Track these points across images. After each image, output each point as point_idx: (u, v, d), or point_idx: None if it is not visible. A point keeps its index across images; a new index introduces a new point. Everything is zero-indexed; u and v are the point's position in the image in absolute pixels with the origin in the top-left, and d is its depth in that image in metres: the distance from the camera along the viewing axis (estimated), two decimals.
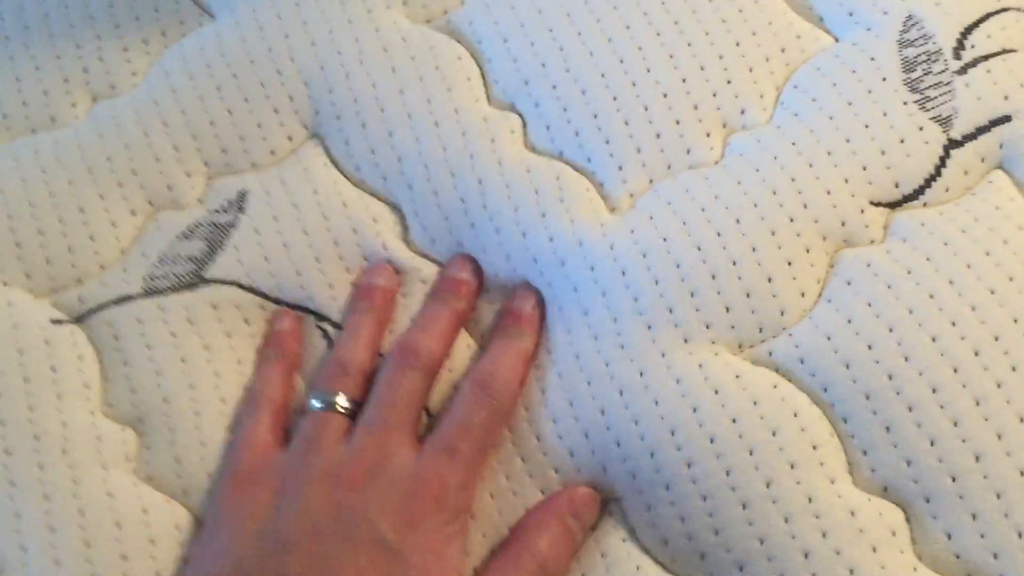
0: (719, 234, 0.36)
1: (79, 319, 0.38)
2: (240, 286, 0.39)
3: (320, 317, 0.38)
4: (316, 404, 0.34)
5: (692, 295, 0.35)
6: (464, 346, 0.37)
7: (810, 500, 0.32)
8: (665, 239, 0.36)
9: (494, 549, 0.33)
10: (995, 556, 0.30)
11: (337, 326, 0.38)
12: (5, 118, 0.42)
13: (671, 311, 0.35)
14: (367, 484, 0.30)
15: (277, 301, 0.39)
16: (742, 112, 0.39)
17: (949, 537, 0.31)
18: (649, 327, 0.35)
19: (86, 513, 0.34)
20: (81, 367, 0.37)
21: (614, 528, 0.33)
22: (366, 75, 0.42)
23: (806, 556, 0.31)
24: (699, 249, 0.36)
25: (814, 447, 0.33)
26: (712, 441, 0.33)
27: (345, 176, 0.41)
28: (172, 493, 0.35)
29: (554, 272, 0.37)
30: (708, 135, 0.39)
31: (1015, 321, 0.32)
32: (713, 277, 0.35)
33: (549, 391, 0.35)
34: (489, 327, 0.37)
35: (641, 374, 0.34)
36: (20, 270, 0.39)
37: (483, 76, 0.42)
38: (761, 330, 0.35)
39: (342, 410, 0.33)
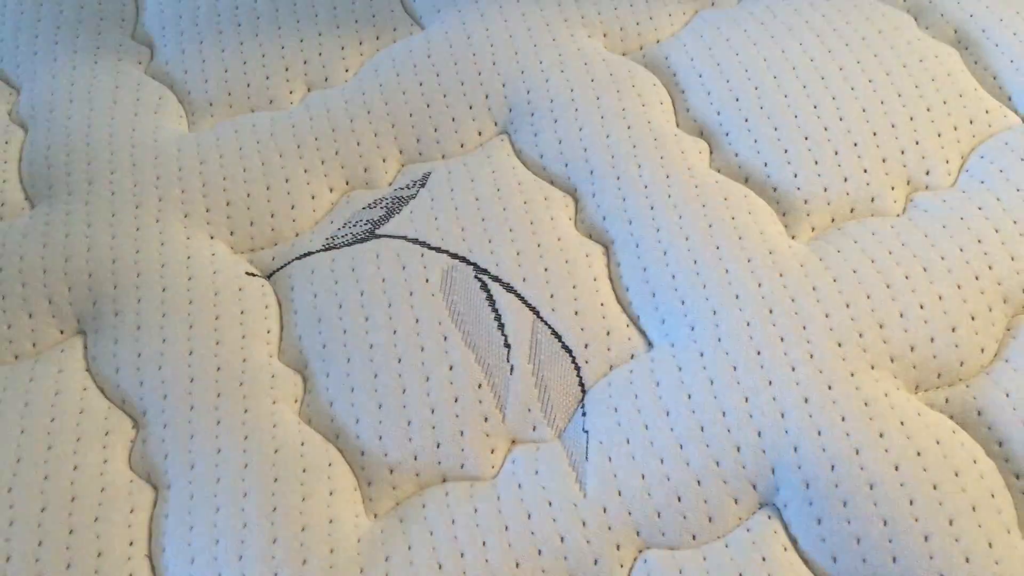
0: (907, 277, 0.37)
1: (269, 275, 0.40)
2: (407, 239, 0.40)
3: (479, 269, 0.38)
4: None
5: (881, 326, 0.35)
6: None
7: (990, 545, 0.31)
8: (855, 271, 0.37)
9: None
10: None
11: (495, 278, 0.38)
12: (230, 95, 0.46)
13: (861, 336, 0.35)
14: None
15: (438, 250, 0.39)
16: (927, 173, 0.41)
17: None
18: (840, 344, 0.35)
19: (249, 439, 0.34)
20: (266, 315, 0.38)
21: (775, 535, 0.32)
22: (565, 81, 0.44)
23: None
24: (888, 287, 0.36)
25: (992, 495, 0.32)
26: (897, 469, 0.32)
27: (525, 165, 0.42)
28: (326, 435, 0.35)
29: (737, 264, 0.37)
30: (893, 188, 0.40)
31: None
32: (901, 315, 0.36)
33: (719, 382, 0.34)
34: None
35: (830, 387, 0.34)
36: (227, 227, 0.41)
37: (674, 103, 0.44)
38: (940, 376, 0.35)
39: None
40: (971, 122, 0.42)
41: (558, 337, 0.36)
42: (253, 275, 0.39)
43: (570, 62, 0.44)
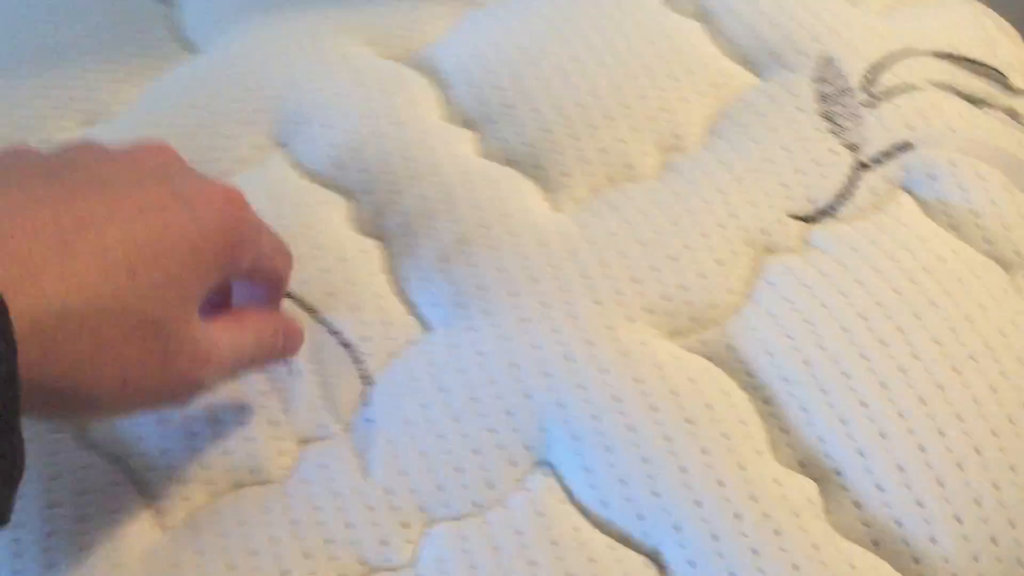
0: (658, 233, 0.39)
1: None
2: None
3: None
4: None
5: (635, 281, 0.38)
6: None
7: (741, 468, 0.34)
8: (612, 233, 0.39)
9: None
10: (898, 523, 0.33)
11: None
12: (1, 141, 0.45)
13: (617, 292, 0.38)
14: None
15: None
16: (677, 136, 0.44)
17: (858, 507, 0.34)
18: (597, 303, 0.37)
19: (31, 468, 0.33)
20: None
21: (550, 490, 0.34)
22: (333, 86, 0.45)
23: (738, 518, 0.33)
24: (642, 245, 0.39)
25: (743, 423, 0.35)
26: (655, 409, 0.35)
27: (301, 173, 0.43)
28: (107, 457, 0.35)
29: (503, 241, 0.39)
30: (646, 155, 0.43)
31: (916, 317, 0.36)
32: (652, 268, 0.38)
33: (488, 353, 0.36)
34: None
35: (590, 344, 0.36)
36: None
37: (443, 99, 0.46)
38: (694, 320, 0.38)
39: None
40: (714, 87, 0.45)
41: (337, 334, 0.38)
42: None
43: (339, 70, 0.46)
